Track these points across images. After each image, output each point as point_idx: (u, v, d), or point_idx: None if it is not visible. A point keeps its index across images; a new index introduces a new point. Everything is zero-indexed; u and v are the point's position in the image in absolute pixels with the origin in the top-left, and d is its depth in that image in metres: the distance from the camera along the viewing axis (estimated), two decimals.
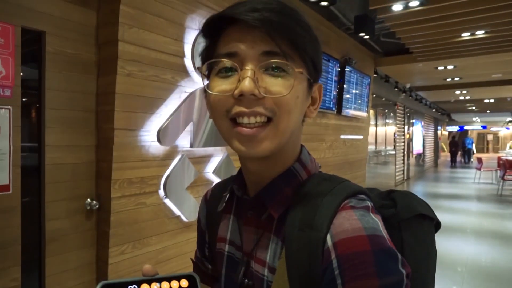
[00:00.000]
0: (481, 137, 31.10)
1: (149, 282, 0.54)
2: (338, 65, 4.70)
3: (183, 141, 2.46)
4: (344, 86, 4.87)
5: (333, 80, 4.60)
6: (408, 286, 0.47)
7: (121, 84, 2.04)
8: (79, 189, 2.07)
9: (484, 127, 27.54)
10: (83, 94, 2.07)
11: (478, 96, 13.85)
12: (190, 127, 2.47)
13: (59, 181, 1.98)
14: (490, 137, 30.70)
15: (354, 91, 5.27)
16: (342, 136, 5.14)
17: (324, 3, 3.75)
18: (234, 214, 0.65)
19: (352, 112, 5.27)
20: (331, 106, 4.62)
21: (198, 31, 2.58)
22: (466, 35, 5.21)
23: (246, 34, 0.51)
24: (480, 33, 5.13)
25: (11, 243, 1.79)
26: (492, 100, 15.26)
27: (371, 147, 7.91)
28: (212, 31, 0.57)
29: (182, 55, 2.43)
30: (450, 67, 7.49)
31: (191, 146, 2.49)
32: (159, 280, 0.55)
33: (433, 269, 0.63)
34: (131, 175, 2.15)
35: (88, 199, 2.08)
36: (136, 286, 0.53)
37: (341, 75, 4.79)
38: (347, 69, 4.90)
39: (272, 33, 0.50)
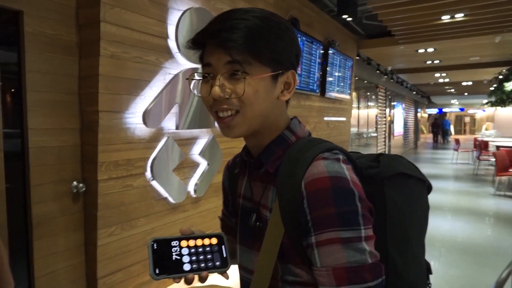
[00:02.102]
0: (459, 119, 31.92)
1: (187, 239, 0.72)
2: (322, 47, 4.71)
3: (169, 123, 2.46)
4: (328, 68, 4.91)
5: (317, 62, 4.63)
6: (367, 218, 0.62)
7: (104, 66, 2.01)
8: (65, 172, 2.05)
9: (461, 109, 28.26)
10: (65, 77, 2.04)
11: (456, 79, 14.16)
12: (175, 109, 2.47)
13: (44, 164, 1.96)
14: (467, 119, 31.56)
15: (337, 73, 5.32)
16: (325, 118, 5.21)
17: None
18: (247, 174, 0.82)
19: (335, 94, 5.33)
20: (315, 88, 4.66)
21: (182, 11, 2.54)
22: (446, 18, 5.30)
23: (215, 49, 0.67)
24: (459, 16, 5.22)
25: None
26: (469, 83, 15.64)
27: (354, 129, 8.04)
28: (198, 45, 0.72)
29: (166, 36, 2.40)
30: (430, 49, 7.62)
31: (176, 128, 2.50)
32: (195, 238, 0.73)
33: (419, 223, 0.75)
34: (117, 157, 2.15)
35: (75, 182, 2.08)
36: (177, 242, 0.72)
37: (325, 58, 4.82)
38: (330, 51, 4.93)
39: (228, 50, 0.65)
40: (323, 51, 4.77)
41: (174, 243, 0.72)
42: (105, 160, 2.08)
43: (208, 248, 0.74)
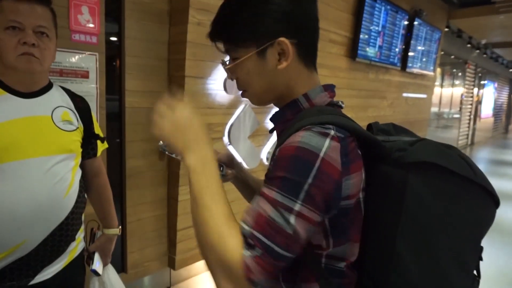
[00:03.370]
0: None
1: None
2: (407, 17, 4.39)
3: None
4: (412, 41, 4.58)
5: (400, 34, 4.34)
6: (312, 199, 0.59)
7: (191, 33, 2.12)
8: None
9: None
10: (156, 43, 2.20)
11: None
12: None
13: (137, 123, 2.18)
14: None
15: (421, 47, 4.94)
16: (404, 94, 4.92)
17: None
18: None
19: (417, 69, 4.99)
20: (396, 61, 4.40)
21: None
22: None
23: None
24: None
25: None
26: None
27: (434, 109, 7.48)
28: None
29: None
30: None
31: None
32: None
33: (458, 235, 0.63)
34: None
35: (161, 141, 2.27)
36: None
37: (409, 29, 4.50)
38: (416, 22, 4.57)
39: (220, 44, 0.75)
40: (408, 22, 4.45)
41: None
42: None
43: None
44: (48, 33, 1.05)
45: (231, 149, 2.52)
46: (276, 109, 0.78)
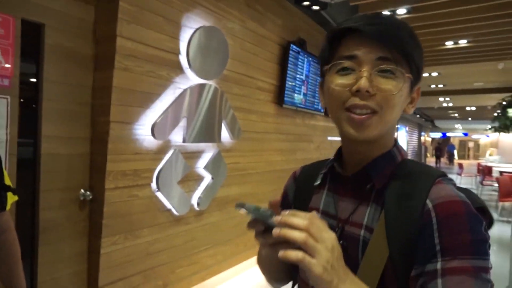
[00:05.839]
0: (463, 144, 31.86)
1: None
2: None
3: (176, 136, 2.52)
4: None
5: None
6: (489, 247, 0.58)
7: (118, 78, 2.09)
8: (73, 180, 2.11)
9: (465, 134, 28.23)
10: (79, 87, 2.12)
11: (460, 104, 14.24)
12: (183, 123, 2.54)
13: (54, 171, 2.02)
14: (471, 144, 31.48)
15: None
16: (329, 138, 5.26)
17: (315, 7, 3.86)
18: (328, 189, 0.76)
19: None
20: (319, 108, 4.73)
21: (194, 29, 2.62)
22: (449, 44, 5.41)
23: (364, 42, 0.63)
24: (463, 42, 5.32)
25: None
26: (473, 108, 15.71)
27: None
28: (335, 38, 0.68)
29: (178, 52, 2.49)
30: (434, 74, 7.73)
31: (183, 141, 2.56)
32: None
33: None
34: (125, 168, 2.20)
35: (82, 190, 2.13)
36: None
37: None
38: None
39: (386, 43, 0.62)
40: None
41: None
42: (113, 170, 2.13)
43: None
44: None
45: (159, 195, 2.44)
46: None
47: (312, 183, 0.79)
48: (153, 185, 2.40)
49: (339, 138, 0.77)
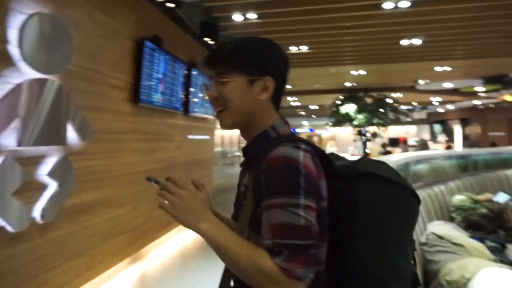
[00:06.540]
0: (309, 138, 36.37)
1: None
2: (185, 67, 4.82)
3: (9, 139, 2.14)
4: (192, 89, 5.02)
5: (180, 82, 4.70)
6: (310, 192, 0.74)
7: None
8: None
9: (311, 130, 32.32)
10: None
11: (305, 103, 16.22)
12: (17, 124, 2.17)
13: None
14: (315, 138, 36.25)
15: (201, 94, 5.49)
16: (189, 136, 5.28)
17: (170, 5, 3.82)
18: (242, 164, 0.97)
19: (199, 114, 5.48)
20: (179, 106, 4.70)
21: (27, 15, 2.28)
22: (293, 49, 6.09)
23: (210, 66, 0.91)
24: (304, 48, 6.07)
25: None
26: (316, 107, 18.11)
27: (218, 148, 8.35)
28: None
29: (5, 41, 2.11)
30: None
31: (18, 145, 2.18)
32: None
33: (398, 229, 0.84)
34: None
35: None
36: None
37: (188, 78, 4.93)
38: (193, 72, 5.07)
39: (214, 66, 0.90)
40: (186, 71, 4.87)
41: None
42: None
43: None
44: None
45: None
46: None
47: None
48: None
49: (200, 136, 0.99)
